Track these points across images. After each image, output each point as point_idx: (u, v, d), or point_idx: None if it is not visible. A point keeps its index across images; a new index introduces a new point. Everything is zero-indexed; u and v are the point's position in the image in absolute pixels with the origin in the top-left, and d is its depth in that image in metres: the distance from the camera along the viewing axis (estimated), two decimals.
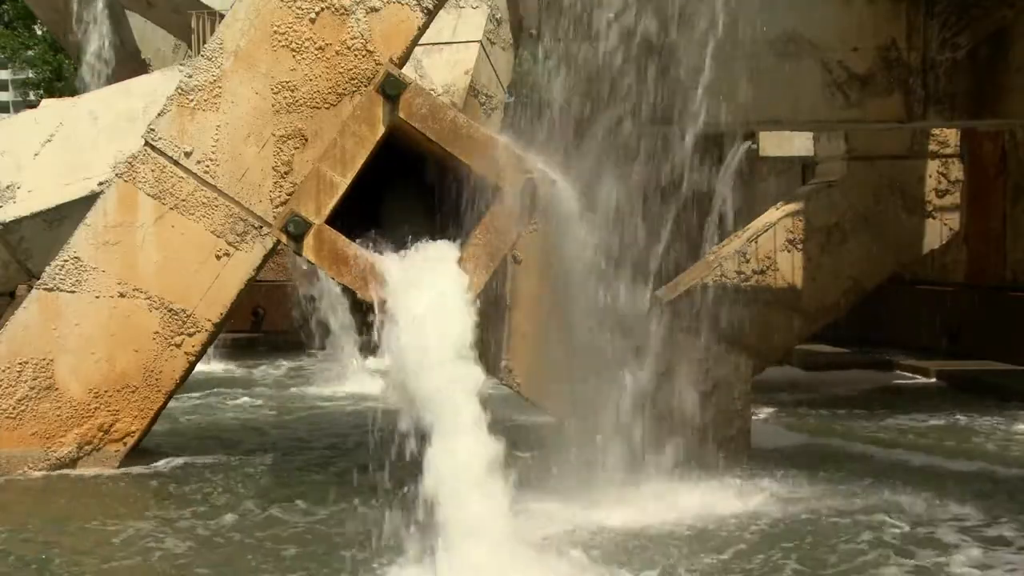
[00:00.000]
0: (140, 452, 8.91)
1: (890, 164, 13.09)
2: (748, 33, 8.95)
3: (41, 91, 42.14)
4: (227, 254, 8.70)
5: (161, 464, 8.83)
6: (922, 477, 8.46)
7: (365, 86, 8.40)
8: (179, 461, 8.93)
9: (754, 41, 9.02)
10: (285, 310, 16.66)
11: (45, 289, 8.73)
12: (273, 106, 8.64)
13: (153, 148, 8.71)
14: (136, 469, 8.68)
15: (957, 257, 15.59)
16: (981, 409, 11.55)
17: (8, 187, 13.50)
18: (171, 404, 9.26)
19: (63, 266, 8.71)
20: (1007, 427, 10.68)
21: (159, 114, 8.76)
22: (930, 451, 9.58)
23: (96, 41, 18.55)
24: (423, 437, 6.33)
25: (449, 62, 16.46)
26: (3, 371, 8.62)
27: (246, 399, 12.67)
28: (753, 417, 9.29)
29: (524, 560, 6.07)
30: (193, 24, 15.57)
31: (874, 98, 10.00)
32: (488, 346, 6.66)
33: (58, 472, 8.55)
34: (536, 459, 7.84)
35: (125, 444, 8.75)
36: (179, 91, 8.72)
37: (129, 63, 19.03)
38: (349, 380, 13.90)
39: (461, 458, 6.16)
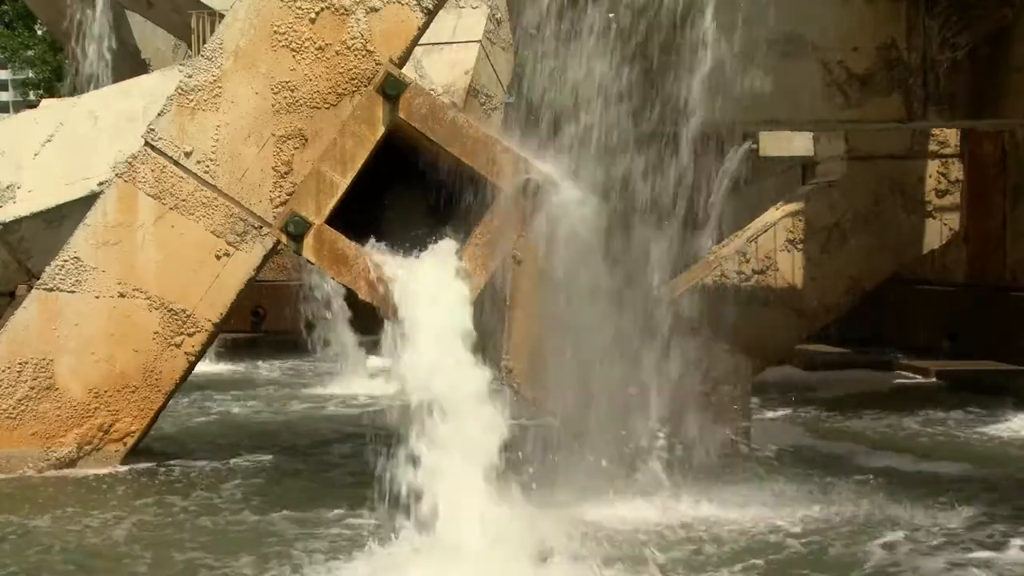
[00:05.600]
0: (140, 452, 8.91)
1: (890, 164, 13.07)
2: (748, 33, 8.93)
3: (41, 91, 42.09)
4: (227, 254, 8.70)
5: (161, 464, 8.83)
6: (921, 479, 8.46)
7: (365, 86, 8.40)
8: (179, 461, 8.93)
9: (754, 41, 9.00)
10: (286, 310, 16.64)
11: (45, 289, 8.73)
12: (273, 106, 8.64)
13: (153, 148, 8.71)
14: (136, 469, 8.68)
15: (957, 257, 15.55)
16: (981, 409, 11.53)
17: (8, 187, 13.52)
18: (171, 404, 9.26)
19: (63, 266, 8.71)
20: (1007, 428, 10.66)
21: (159, 114, 8.77)
22: (929, 452, 9.56)
23: (96, 41, 18.54)
24: (422, 437, 6.34)
25: (449, 62, 16.47)
26: (3, 371, 8.63)
27: (246, 400, 12.66)
28: (753, 417, 9.27)
29: (519, 561, 6.08)
30: (193, 24, 15.57)
31: (874, 98, 9.97)
32: (488, 346, 6.65)
33: (58, 472, 8.57)
34: (534, 459, 7.83)
35: (125, 444, 8.75)
36: (179, 91, 8.72)
37: (129, 63, 19.03)
38: (351, 380, 13.88)
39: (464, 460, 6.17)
